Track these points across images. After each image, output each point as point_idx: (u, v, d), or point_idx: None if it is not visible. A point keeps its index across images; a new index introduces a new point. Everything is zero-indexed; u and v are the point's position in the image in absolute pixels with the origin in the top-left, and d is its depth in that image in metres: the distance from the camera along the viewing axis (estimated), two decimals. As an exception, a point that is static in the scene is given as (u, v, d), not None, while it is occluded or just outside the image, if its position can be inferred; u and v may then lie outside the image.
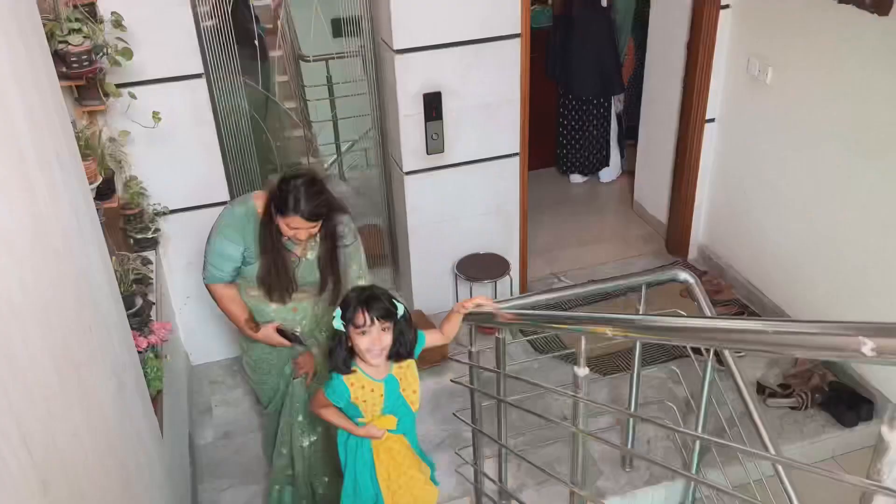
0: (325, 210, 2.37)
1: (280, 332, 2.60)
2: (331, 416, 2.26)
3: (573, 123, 5.22)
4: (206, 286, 2.59)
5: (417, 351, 2.26)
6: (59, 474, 1.28)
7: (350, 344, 2.14)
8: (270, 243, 2.42)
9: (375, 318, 2.07)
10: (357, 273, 2.63)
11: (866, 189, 3.19)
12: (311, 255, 2.53)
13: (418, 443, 2.40)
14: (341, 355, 2.15)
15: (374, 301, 2.09)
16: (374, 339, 2.09)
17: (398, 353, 2.18)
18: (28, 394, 1.20)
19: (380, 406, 2.20)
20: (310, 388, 2.68)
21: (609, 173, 5.41)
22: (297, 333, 2.65)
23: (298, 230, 2.35)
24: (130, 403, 2.02)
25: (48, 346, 1.35)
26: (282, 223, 2.35)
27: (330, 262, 2.53)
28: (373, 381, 2.18)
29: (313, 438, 2.80)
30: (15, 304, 1.21)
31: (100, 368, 1.72)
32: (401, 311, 2.14)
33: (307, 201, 2.30)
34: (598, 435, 2.10)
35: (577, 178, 5.43)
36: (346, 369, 2.16)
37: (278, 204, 2.33)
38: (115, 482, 1.71)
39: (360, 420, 2.22)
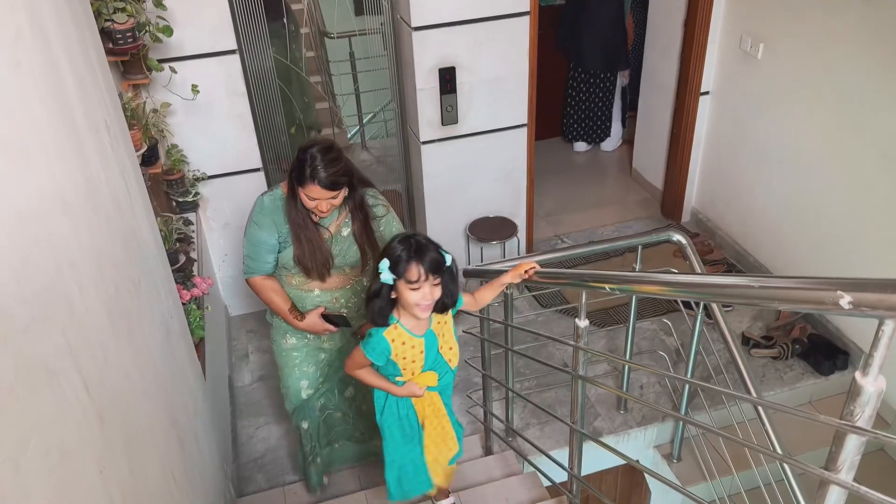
0: (343, 178, 2.10)
1: (325, 317, 2.34)
2: (368, 376, 2.02)
3: (580, 95, 5.15)
4: (247, 281, 2.34)
5: (455, 310, 2.03)
6: (113, 409, 1.31)
7: (393, 297, 1.88)
8: (296, 216, 2.18)
9: (430, 274, 1.81)
10: None
11: (846, 157, 3.15)
12: (346, 230, 2.28)
13: (453, 409, 2.20)
14: (379, 306, 1.88)
15: (425, 252, 1.82)
16: (425, 293, 1.83)
17: (443, 303, 1.92)
18: (85, 338, 1.22)
19: (420, 363, 1.97)
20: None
21: (610, 143, 5.35)
22: (344, 314, 2.39)
23: (319, 201, 2.10)
24: (176, 349, 2.05)
25: (102, 296, 1.36)
26: (302, 195, 2.11)
27: (366, 234, 2.28)
28: (414, 337, 1.93)
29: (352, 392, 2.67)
30: (72, 259, 1.22)
31: (148, 317, 1.75)
32: (448, 260, 1.87)
33: (324, 168, 2.05)
34: (595, 380, 2.11)
35: (580, 147, 5.38)
36: (385, 321, 1.90)
37: (297, 174, 2.09)
38: (163, 417, 1.74)
39: (398, 379, 2.01)
